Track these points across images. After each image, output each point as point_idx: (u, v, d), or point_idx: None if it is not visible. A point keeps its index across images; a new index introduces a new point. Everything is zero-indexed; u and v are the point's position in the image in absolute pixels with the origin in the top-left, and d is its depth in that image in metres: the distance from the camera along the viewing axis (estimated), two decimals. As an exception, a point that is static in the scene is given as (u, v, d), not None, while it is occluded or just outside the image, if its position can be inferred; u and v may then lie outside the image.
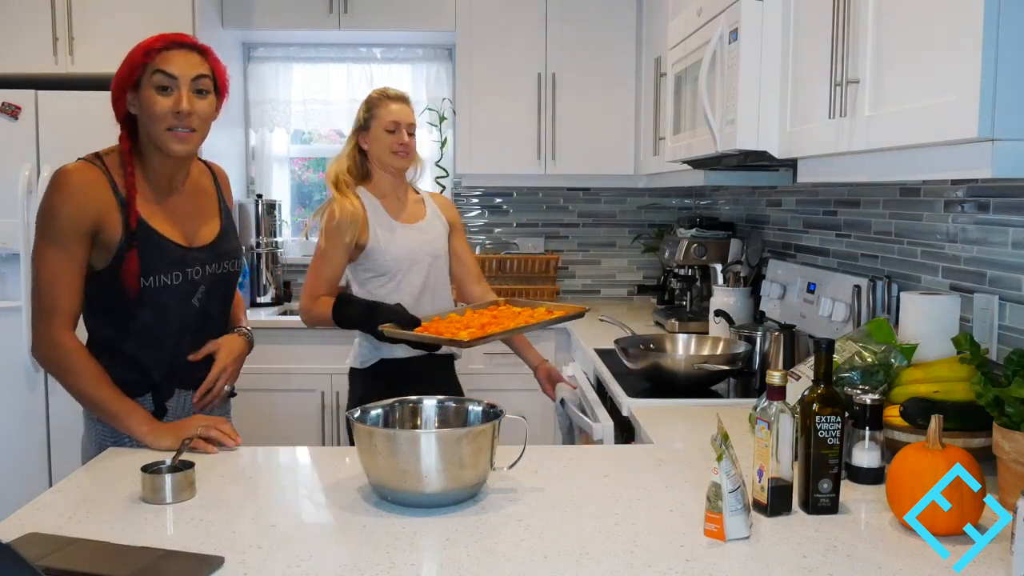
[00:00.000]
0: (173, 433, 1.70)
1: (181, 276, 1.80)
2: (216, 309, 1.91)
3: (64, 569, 1.18)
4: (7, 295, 3.46)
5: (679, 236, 3.40)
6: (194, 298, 1.83)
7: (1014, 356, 1.44)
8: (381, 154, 2.47)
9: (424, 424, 1.64)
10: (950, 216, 2.02)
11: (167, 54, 1.73)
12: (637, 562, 1.23)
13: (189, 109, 1.72)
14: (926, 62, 1.36)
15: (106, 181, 1.74)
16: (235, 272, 1.94)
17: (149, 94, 1.72)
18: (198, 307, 1.85)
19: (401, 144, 2.45)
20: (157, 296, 1.77)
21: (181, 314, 1.82)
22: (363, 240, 2.42)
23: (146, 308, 1.77)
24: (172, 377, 1.84)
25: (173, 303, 1.80)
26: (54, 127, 3.41)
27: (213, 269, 1.87)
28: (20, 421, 3.45)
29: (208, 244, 1.87)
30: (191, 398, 1.88)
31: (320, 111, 4.26)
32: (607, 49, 3.90)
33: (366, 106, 2.49)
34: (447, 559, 1.24)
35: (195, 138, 1.76)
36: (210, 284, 1.86)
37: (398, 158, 2.46)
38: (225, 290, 1.93)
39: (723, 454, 1.30)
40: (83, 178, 1.72)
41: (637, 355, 2.40)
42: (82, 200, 1.71)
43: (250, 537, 1.31)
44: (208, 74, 1.77)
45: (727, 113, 2.11)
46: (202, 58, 1.77)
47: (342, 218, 2.38)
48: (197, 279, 1.83)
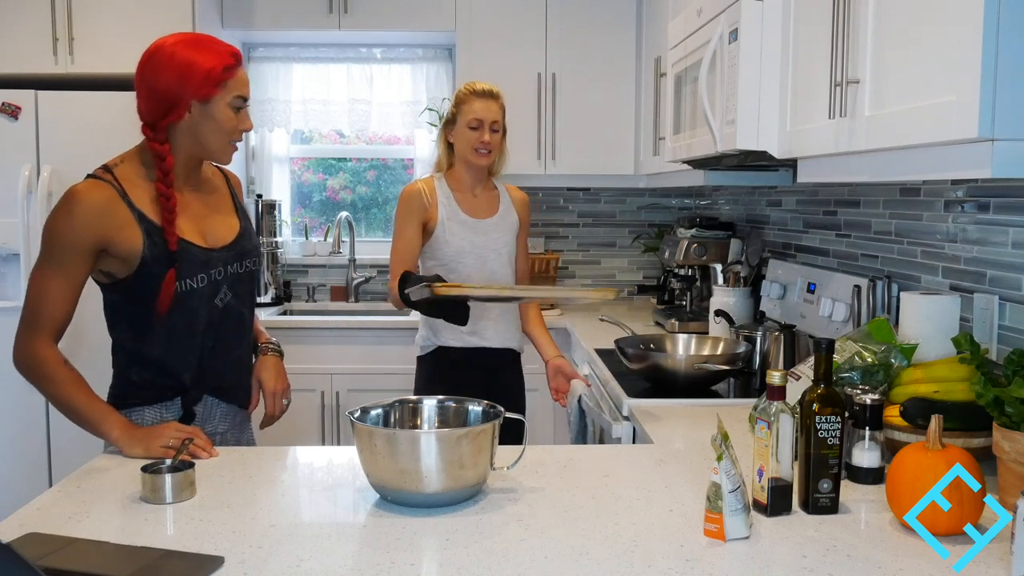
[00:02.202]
0: (144, 442, 1.67)
1: (206, 278, 1.79)
2: (240, 308, 1.90)
3: (64, 569, 1.18)
4: (7, 295, 3.46)
5: (679, 236, 3.40)
6: (216, 298, 1.83)
7: (1014, 356, 1.44)
8: (464, 150, 2.54)
9: (424, 424, 1.64)
10: (950, 216, 2.02)
11: (242, 74, 1.80)
12: (637, 562, 1.23)
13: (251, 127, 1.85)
14: (926, 62, 1.36)
15: (117, 197, 1.71)
16: (257, 270, 1.96)
17: (223, 110, 1.76)
18: (221, 307, 1.84)
19: (483, 142, 2.50)
20: (185, 300, 1.76)
21: (206, 315, 1.81)
22: (431, 224, 2.51)
23: (174, 313, 1.76)
24: (201, 380, 1.83)
25: (199, 305, 1.79)
26: (54, 127, 3.41)
27: (235, 269, 1.86)
28: (20, 421, 3.45)
29: (228, 244, 1.86)
30: (220, 407, 1.87)
31: (320, 111, 4.26)
32: (607, 49, 3.90)
33: (454, 100, 2.56)
34: (447, 559, 1.24)
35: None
36: (232, 283, 1.86)
37: (479, 155, 2.52)
38: (248, 288, 1.93)
39: (723, 454, 1.30)
40: (90, 199, 1.69)
41: (637, 355, 2.40)
42: (87, 223, 1.68)
43: (250, 537, 1.31)
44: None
45: (727, 113, 2.11)
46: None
47: (407, 195, 2.51)
48: (220, 279, 1.83)
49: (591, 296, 2.05)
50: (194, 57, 1.72)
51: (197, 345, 1.81)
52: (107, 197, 1.70)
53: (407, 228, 2.50)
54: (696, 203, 4.30)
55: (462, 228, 2.53)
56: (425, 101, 4.26)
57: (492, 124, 2.51)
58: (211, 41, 1.78)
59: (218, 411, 1.88)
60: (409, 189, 2.54)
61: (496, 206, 2.63)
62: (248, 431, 1.99)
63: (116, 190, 1.72)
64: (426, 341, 2.60)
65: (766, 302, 2.91)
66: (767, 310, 2.89)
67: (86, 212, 1.68)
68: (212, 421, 1.87)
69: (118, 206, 1.70)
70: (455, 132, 2.54)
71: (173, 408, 1.81)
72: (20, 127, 3.40)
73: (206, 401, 1.85)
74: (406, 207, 2.51)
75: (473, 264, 2.53)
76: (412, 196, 2.52)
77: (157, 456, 1.62)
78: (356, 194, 4.51)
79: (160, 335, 1.77)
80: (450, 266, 2.51)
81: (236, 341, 1.90)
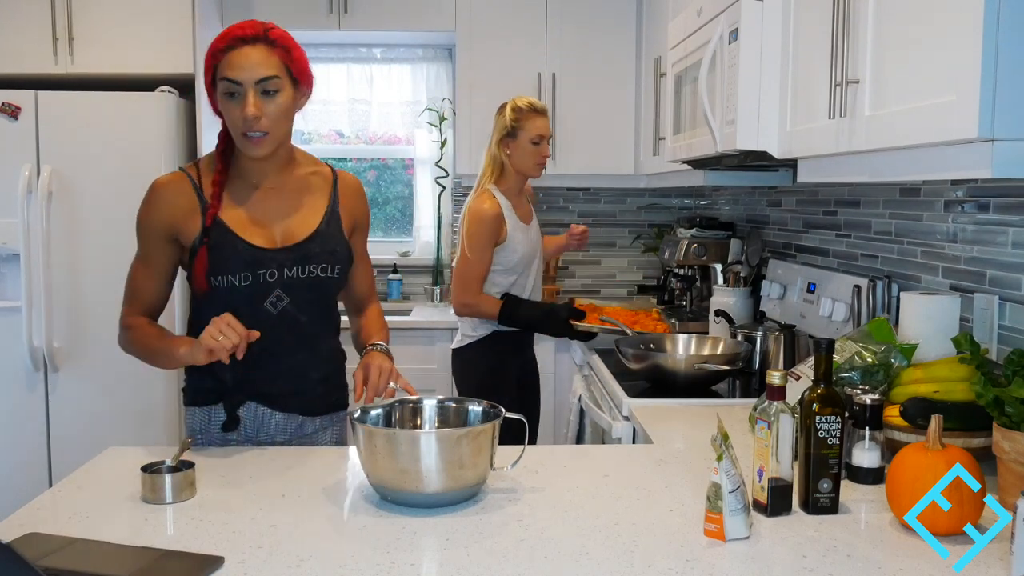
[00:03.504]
0: (196, 350, 1.62)
1: (251, 277, 1.71)
2: (299, 315, 1.77)
3: (64, 569, 1.18)
4: (7, 295, 3.46)
5: (679, 236, 3.40)
6: (267, 302, 1.73)
7: (1014, 356, 1.44)
8: (524, 163, 2.75)
9: (424, 424, 1.64)
10: (950, 216, 2.02)
11: (231, 56, 1.66)
12: (637, 562, 1.23)
13: (256, 114, 1.65)
14: (926, 62, 1.36)
15: (189, 186, 1.73)
16: (329, 278, 1.79)
17: (221, 100, 1.69)
18: (274, 312, 1.74)
19: (544, 156, 2.77)
20: (226, 297, 1.71)
21: (253, 318, 1.69)
22: (501, 238, 2.70)
23: (215, 309, 1.67)
24: (245, 385, 1.77)
25: (243, 305, 1.70)
26: (54, 127, 3.41)
27: (295, 273, 1.74)
28: (20, 421, 3.44)
29: (292, 245, 1.75)
30: (274, 417, 1.80)
31: (320, 111, 4.26)
32: (607, 49, 3.90)
33: (514, 115, 2.72)
34: (447, 559, 1.24)
35: (268, 141, 1.70)
36: (289, 288, 1.74)
37: (539, 168, 2.77)
38: (314, 296, 1.79)
39: (723, 454, 1.30)
40: (163, 187, 1.73)
41: (637, 355, 2.40)
42: (159, 208, 1.72)
43: (250, 537, 1.31)
44: (274, 73, 1.67)
45: (727, 113, 2.11)
46: (268, 51, 1.68)
47: (492, 219, 2.68)
48: (272, 281, 1.72)
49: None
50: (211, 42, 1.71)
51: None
52: (178, 186, 1.74)
53: (487, 251, 2.70)
54: (696, 203, 4.30)
55: (523, 236, 2.77)
56: (425, 101, 4.26)
57: (548, 139, 2.78)
58: (234, 26, 1.71)
59: (272, 420, 1.80)
60: (491, 212, 2.67)
61: (531, 209, 2.89)
62: (330, 437, 1.89)
63: (188, 180, 1.74)
64: (476, 329, 2.78)
65: (766, 302, 2.91)
66: (767, 310, 2.89)
67: (158, 198, 1.74)
68: (267, 431, 1.80)
69: (187, 194, 1.73)
70: (515, 146, 2.73)
71: (218, 412, 1.78)
72: (20, 127, 3.39)
73: (255, 409, 1.79)
74: (489, 231, 2.67)
75: (528, 265, 2.80)
76: (496, 220, 2.68)
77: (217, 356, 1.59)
78: (356, 194, 4.50)
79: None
80: (515, 270, 2.75)
81: (291, 350, 1.78)
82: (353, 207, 1.87)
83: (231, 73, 1.65)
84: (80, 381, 3.44)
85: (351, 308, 2.00)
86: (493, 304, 2.70)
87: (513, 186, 2.78)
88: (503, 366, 2.80)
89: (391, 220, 4.52)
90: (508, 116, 2.73)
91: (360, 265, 1.94)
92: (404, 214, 4.50)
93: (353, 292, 1.97)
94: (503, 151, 2.74)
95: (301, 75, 1.75)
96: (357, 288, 1.97)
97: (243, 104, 1.65)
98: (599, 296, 4.40)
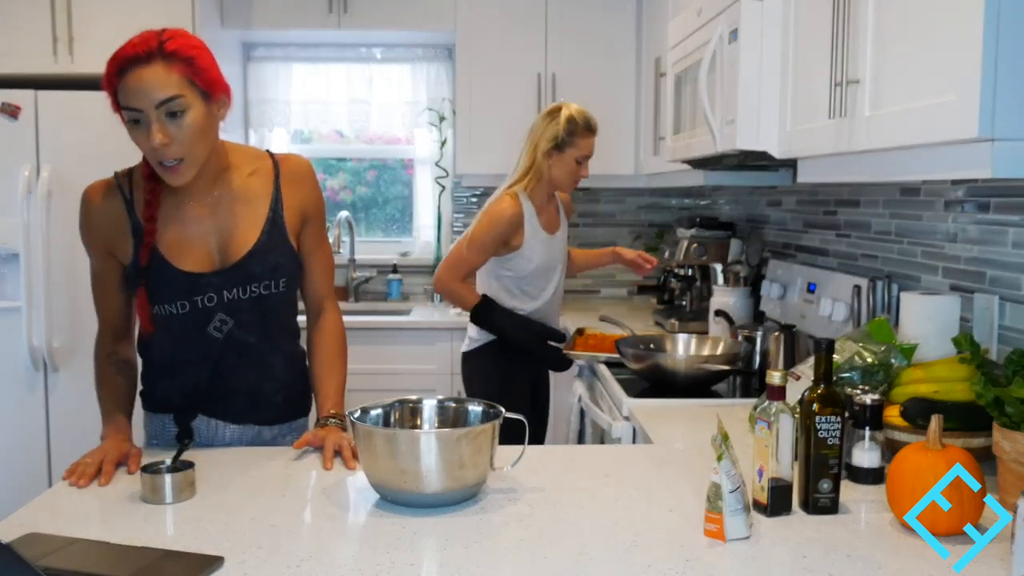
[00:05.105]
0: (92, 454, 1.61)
1: (188, 305, 1.63)
2: (255, 337, 1.70)
3: (64, 569, 1.18)
4: (7, 295, 3.46)
5: (679, 236, 3.40)
6: (210, 327, 1.66)
7: (1014, 356, 1.44)
8: (564, 178, 2.67)
9: (424, 424, 1.64)
10: (950, 216, 2.02)
11: (127, 80, 1.49)
12: (637, 562, 1.23)
13: (164, 141, 1.50)
14: (926, 62, 1.36)
15: (120, 203, 1.63)
16: (274, 294, 1.69)
17: (128, 128, 1.53)
18: (220, 337, 1.67)
19: (583, 176, 2.69)
20: (167, 325, 1.66)
21: (198, 344, 1.67)
22: (515, 242, 2.63)
23: (159, 335, 1.66)
24: (196, 404, 1.73)
25: (185, 333, 1.66)
26: (54, 127, 3.41)
27: (236, 294, 1.65)
28: (20, 421, 3.45)
29: (232, 265, 1.65)
30: (227, 429, 1.76)
31: (320, 111, 4.26)
32: (607, 49, 3.90)
33: (568, 127, 2.61)
34: (447, 559, 1.24)
35: (185, 167, 1.55)
36: (234, 310, 1.66)
37: (574, 185, 2.71)
38: (260, 313, 1.70)
39: (723, 454, 1.30)
40: (92, 203, 1.64)
41: (637, 355, 2.40)
42: (91, 224, 1.65)
43: (250, 537, 1.31)
44: (175, 93, 1.50)
45: (727, 113, 2.11)
46: (166, 68, 1.50)
47: (509, 220, 2.59)
48: (211, 306, 1.64)
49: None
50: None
51: (190, 372, 1.70)
52: (109, 203, 1.64)
53: (487, 253, 2.63)
54: (696, 203, 4.30)
55: (542, 246, 2.68)
56: (425, 101, 4.26)
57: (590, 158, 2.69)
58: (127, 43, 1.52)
59: (227, 432, 1.77)
60: (510, 213, 2.60)
61: (558, 218, 2.80)
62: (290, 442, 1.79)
63: (120, 195, 1.65)
64: (483, 332, 2.72)
65: (766, 302, 2.91)
66: (767, 310, 2.89)
67: (89, 213, 1.67)
68: (221, 440, 1.77)
69: (117, 213, 1.64)
70: (559, 158, 2.64)
71: (168, 424, 1.77)
72: (20, 127, 3.40)
73: (207, 421, 1.76)
74: (499, 235, 2.60)
75: (545, 276, 2.73)
76: (511, 226, 2.60)
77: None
78: (356, 194, 4.50)
79: (151, 356, 1.75)
80: (528, 279, 2.69)
81: (242, 372, 1.73)
82: (300, 199, 1.73)
83: (129, 100, 1.49)
84: (80, 381, 3.43)
85: (307, 308, 1.85)
86: (471, 298, 2.66)
87: (543, 194, 2.71)
88: (513, 370, 2.75)
89: (391, 220, 4.52)
90: (562, 127, 2.60)
91: (315, 259, 1.78)
92: (404, 214, 4.50)
93: (308, 291, 1.82)
94: (547, 161, 2.64)
95: (210, 86, 1.56)
96: (312, 287, 1.81)
97: (148, 133, 1.50)
98: (599, 296, 4.40)
